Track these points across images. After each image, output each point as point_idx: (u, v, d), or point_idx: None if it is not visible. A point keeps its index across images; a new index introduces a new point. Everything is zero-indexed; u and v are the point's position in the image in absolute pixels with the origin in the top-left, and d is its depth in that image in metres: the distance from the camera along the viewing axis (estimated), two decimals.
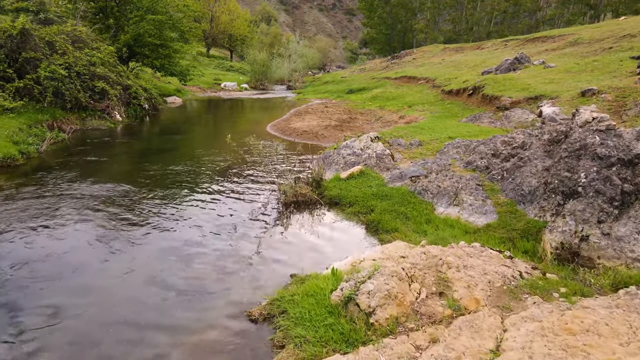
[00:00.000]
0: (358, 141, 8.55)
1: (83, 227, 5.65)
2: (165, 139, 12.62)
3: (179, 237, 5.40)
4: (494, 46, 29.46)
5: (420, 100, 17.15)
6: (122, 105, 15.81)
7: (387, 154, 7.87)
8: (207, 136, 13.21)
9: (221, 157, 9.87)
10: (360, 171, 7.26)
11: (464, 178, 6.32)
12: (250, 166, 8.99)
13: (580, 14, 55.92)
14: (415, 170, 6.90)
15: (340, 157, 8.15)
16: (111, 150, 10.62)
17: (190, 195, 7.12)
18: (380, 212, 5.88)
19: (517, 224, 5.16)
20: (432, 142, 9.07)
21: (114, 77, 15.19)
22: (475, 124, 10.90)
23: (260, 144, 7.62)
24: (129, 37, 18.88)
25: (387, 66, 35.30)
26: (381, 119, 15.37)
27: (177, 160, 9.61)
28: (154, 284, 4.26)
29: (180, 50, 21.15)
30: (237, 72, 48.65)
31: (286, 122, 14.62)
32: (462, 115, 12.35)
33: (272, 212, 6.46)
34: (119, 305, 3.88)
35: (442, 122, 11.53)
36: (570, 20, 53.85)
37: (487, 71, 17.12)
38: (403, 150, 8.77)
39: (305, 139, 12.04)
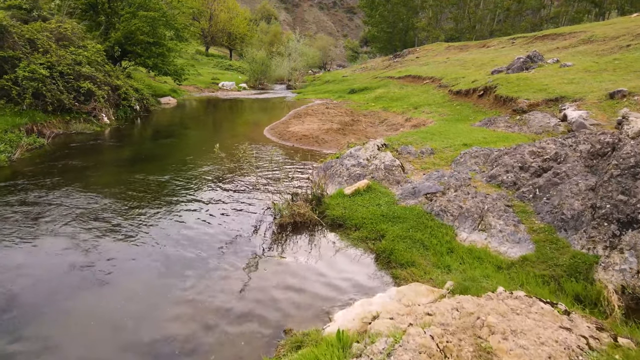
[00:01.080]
0: (363, 150, 7.63)
1: (44, 250, 4.75)
2: (155, 144, 11.71)
3: (143, 277, 4.48)
4: (501, 44, 28.49)
5: (427, 101, 16.23)
6: (111, 106, 14.90)
7: (396, 165, 6.95)
8: (200, 141, 12.31)
9: (212, 165, 8.96)
10: (367, 186, 6.34)
11: (490, 197, 5.40)
12: (243, 177, 8.08)
13: (584, 12, 55.02)
14: (431, 186, 5.98)
15: (343, 168, 7.23)
16: (93, 157, 9.70)
17: (170, 213, 6.21)
18: (393, 238, 4.96)
19: (561, 258, 4.25)
20: (445, 150, 8.15)
21: (102, 77, 14.28)
22: (490, 129, 9.98)
23: (253, 154, 6.69)
24: (120, 35, 17.95)
25: (389, 65, 34.35)
26: (386, 121, 14.45)
27: (164, 168, 8.70)
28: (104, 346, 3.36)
29: (174, 49, 20.22)
30: (236, 71, 47.71)
31: (285, 125, 13.71)
32: (475, 119, 11.41)
33: (264, 236, 5.55)
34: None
35: (453, 126, 10.61)
36: (575, 18, 52.94)
37: (497, 70, 16.18)
38: (414, 159, 7.85)
39: (305, 144, 11.13)
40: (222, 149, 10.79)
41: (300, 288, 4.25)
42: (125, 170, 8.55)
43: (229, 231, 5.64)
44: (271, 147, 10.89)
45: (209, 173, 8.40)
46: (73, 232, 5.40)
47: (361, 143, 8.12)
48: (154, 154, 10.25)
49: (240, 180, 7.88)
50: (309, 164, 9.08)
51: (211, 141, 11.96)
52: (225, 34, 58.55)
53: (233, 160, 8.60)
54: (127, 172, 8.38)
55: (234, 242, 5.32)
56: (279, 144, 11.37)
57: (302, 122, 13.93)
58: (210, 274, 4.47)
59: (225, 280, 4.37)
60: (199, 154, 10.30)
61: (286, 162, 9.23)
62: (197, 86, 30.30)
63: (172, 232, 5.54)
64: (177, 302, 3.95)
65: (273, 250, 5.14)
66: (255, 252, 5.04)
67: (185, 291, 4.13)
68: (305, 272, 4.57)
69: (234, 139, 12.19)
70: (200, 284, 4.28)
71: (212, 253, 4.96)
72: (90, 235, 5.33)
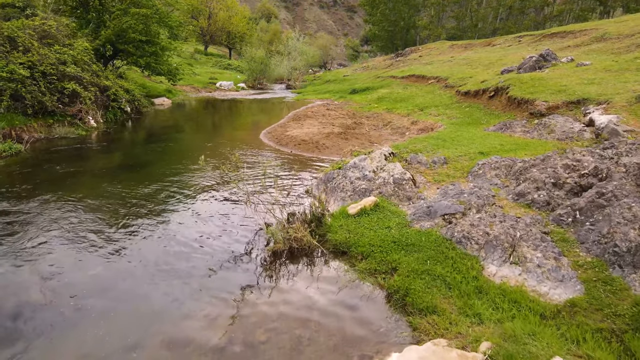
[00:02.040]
0: (369, 160, 6.79)
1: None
2: (143, 149, 10.88)
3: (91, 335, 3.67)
4: (507, 42, 27.61)
5: (433, 102, 15.38)
6: (99, 108, 14.07)
7: (407, 179, 6.11)
8: (191, 146, 11.47)
9: (201, 175, 8.12)
10: (375, 204, 5.51)
11: (522, 221, 4.56)
12: (235, 190, 7.24)
13: (589, 10, 54.23)
14: (449, 206, 5.14)
15: (347, 181, 6.39)
16: (74, 164, 8.87)
17: (150, 235, 5.38)
18: (408, 273, 4.13)
19: (620, 305, 3.41)
20: (459, 159, 7.31)
21: (88, 77, 13.44)
22: (506, 134, 9.13)
23: (243, 167, 5.87)
24: (111, 33, 17.09)
25: (391, 64, 33.48)
26: (390, 124, 13.60)
27: (149, 179, 7.87)
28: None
29: (168, 47, 19.36)
30: (235, 71, 46.87)
31: (283, 129, 12.86)
32: (488, 122, 10.57)
33: (253, 265, 4.72)
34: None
35: (465, 131, 9.76)
36: (580, 16, 52.15)
37: (507, 70, 15.33)
38: (425, 170, 7.01)
39: (304, 150, 10.29)
40: (215, 155, 9.97)
41: (294, 345, 3.42)
42: (108, 180, 7.72)
43: (213, 259, 4.80)
44: (268, 153, 10.06)
45: (197, 184, 7.56)
46: (35, 254, 4.58)
47: (366, 152, 7.28)
48: (140, 161, 9.42)
49: (231, 193, 7.04)
50: (308, 173, 8.24)
51: (203, 146, 11.14)
52: (224, 32, 57.79)
53: (225, 169, 7.77)
54: (109, 182, 7.55)
55: (218, 275, 4.49)
56: (276, 149, 10.53)
57: (301, 125, 13.09)
58: (180, 326, 3.64)
59: (200, 332, 3.54)
60: (190, 161, 9.46)
61: (283, 171, 8.38)
62: (194, 86, 29.46)
63: (148, 259, 4.71)
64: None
65: (263, 287, 4.31)
66: (242, 291, 4.21)
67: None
68: (298, 325, 3.73)
69: (228, 143, 11.36)
70: (168, 339, 3.45)
71: (188, 293, 4.13)
72: (57, 257, 4.50)
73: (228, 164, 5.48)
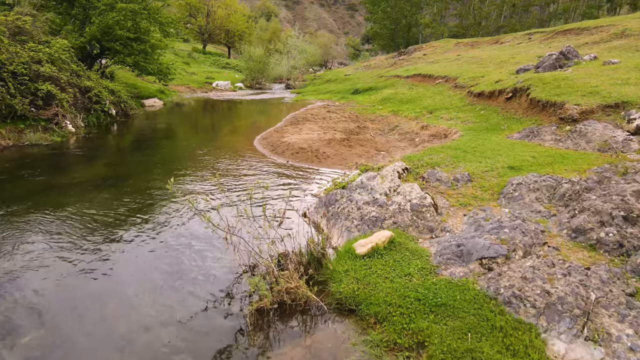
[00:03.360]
0: (380, 179, 5.60)
1: None
2: (121, 159, 9.70)
3: None
4: (516, 40, 26.38)
5: (443, 104, 14.19)
6: (79, 112, 12.90)
7: (428, 205, 4.93)
8: (176, 155, 10.28)
9: (182, 192, 6.94)
10: (389, 240, 4.32)
11: (594, 275, 3.37)
12: (217, 212, 6.06)
13: (596, 7, 53.06)
14: (487, 246, 3.95)
15: (353, 205, 5.21)
16: (37, 178, 7.69)
17: (108, 274, 4.20)
18: (443, 354, 2.95)
19: None
20: (486, 176, 6.13)
21: (66, 77, 12.26)
22: (534, 142, 7.94)
23: (224, 191, 4.72)
24: (96, 30, 15.90)
25: (394, 63, 32.26)
26: (397, 128, 12.41)
27: (118, 198, 6.70)
28: None
29: (158, 45, 18.15)
30: (234, 70, 45.67)
31: (279, 134, 11.68)
32: (510, 128, 9.37)
33: (229, 329, 3.54)
34: None
35: (486, 138, 8.57)
36: (587, 13, 51.01)
37: (523, 69, 14.12)
38: (447, 190, 5.83)
39: (302, 160, 9.10)
40: (201, 166, 8.79)
41: None
42: (73, 200, 6.54)
43: (177, 318, 3.63)
44: (261, 164, 8.87)
45: (173, 208, 6.39)
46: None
47: (376, 168, 6.08)
48: (116, 174, 8.24)
49: (212, 218, 5.87)
50: (306, 191, 7.06)
51: (189, 156, 9.95)
52: (222, 31, 56.71)
53: (209, 187, 6.62)
54: (74, 202, 6.38)
55: (178, 348, 3.32)
56: (270, 159, 9.35)
57: (299, 130, 11.90)
58: None
59: None
60: (168, 175, 8.29)
61: (276, 189, 7.19)
62: (189, 86, 28.28)
63: (83, 329, 3.54)
64: None
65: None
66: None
67: None
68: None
69: (217, 152, 10.19)
70: None
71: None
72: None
73: (195, 196, 4.27)
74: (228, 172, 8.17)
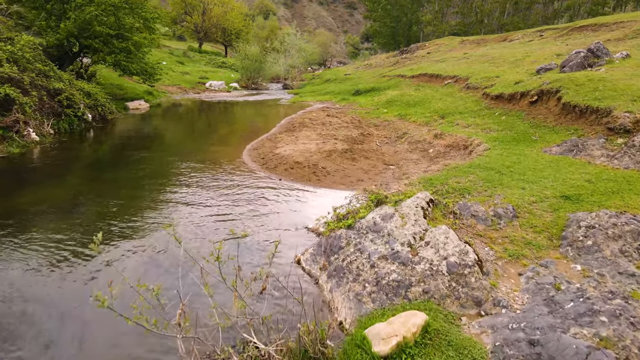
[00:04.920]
0: (399, 218, 4.15)
1: None
2: (79, 180, 8.18)
3: None
4: (526, 37, 24.94)
5: (455, 107, 12.75)
6: (47, 117, 11.42)
7: (470, 263, 3.48)
8: (147, 174, 8.74)
9: (148, 233, 5.49)
10: (422, 330, 2.88)
11: None
12: (189, 270, 4.61)
13: (602, 4, 51.80)
14: (582, 351, 2.50)
15: (364, 259, 3.77)
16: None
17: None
18: None
19: None
20: (535, 210, 4.69)
21: (30, 78, 10.78)
22: (582, 159, 6.50)
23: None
24: (72, 25, 14.41)
25: (397, 62, 30.80)
26: (406, 136, 10.96)
27: (63, 231, 5.25)
28: None
29: (143, 43, 16.63)
30: (230, 69, 44.13)
31: (272, 144, 10.22)
32: (544, 140, 7.92)
33: None
34: None
35: (520, 153, 7.12)
36: (593, 10, 49.75)
37: (545, 68, 12.68)
38: (486, 230, 4.39)
39: (298, 177, 7.65)
40: (173, 190, 7.33)
41: None
42: (8, 231, 5.09)
43: None
44: (247, 183, 7.40)
45: (128, 256, 4.94)
46: None
47: (391, 201, 4.61)
48: (74, 202, 6.76)
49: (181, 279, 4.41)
50: (301, 225, 5.60)
51: (165, 173, 8.47)
52: (219, 29, 55.25)
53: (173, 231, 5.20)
54: (11, 234, 4.93)
55: None
56: (260, 176, 7.89)
57: (295, 139, 10.44)
58: None
59: None
60: (133, 201, 6.84)
61: (261, 221, 5.73)
62: (180, 86, 26.76)
63: None
64: None
65: None
66: None
67: None
68: None
69: (199, 167, 8.72)
70: None
71: None
72: None
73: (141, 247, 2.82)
74: (201, 200, 6.71)
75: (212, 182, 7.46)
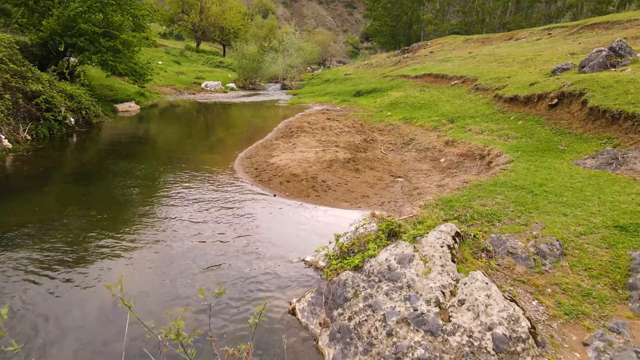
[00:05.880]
0: (420, 261, 3.25)
1: None
2: (49, 196, 7.28)
3: None
4: (533, 35, 24.05)
5: (465, 110, 11.85)
6: (24, 122, 10.50)
7: (524, 336, 2.57)
8: (126, 186, 7.85)
9: (101, 277, 4.60)
10: None
11: None
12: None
13: (606, 2, 50.97)
14: None
15: (377, 321, 2.87)
16: None
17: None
18: None
19: None
20: (585, 245, 3.79)
21: (2, 80, 9.86)
22: (623, 174, 5.60)
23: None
24: (54, 22, 13.48)
25: (398, 61, 29.88)
26: (414, 143, 10.06)
27: (37, 270, 4.35)
28: None
29: (132, 42, 15.67)
30: (227, 69, 43.18)
31: (267, 151, 9.31)
32: (572, 149, 7.01)
33: None
34: None
35: (549, 166, 6.21)
36: (597, 9, 48.93)
37: (561, 68, 11.78)
38: (529, 274, 3.49)
39: (294, 193, 6.74)
40: (155, 203, 6.43)
41: None
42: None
43: None
44: (235, 200, 6.49)
45: (66, 327, 4.04)
46: None
47: (409, 237, 3.71)
48: (41, 228, 5.85)
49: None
50: (294, 259, 4.70)
51: (144, 189, 7.55)
52: (217, 28, 54.31)
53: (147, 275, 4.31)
54: None
55: None
56: (252, 190, 6.98)
57: (292, 146, 9.53)
58: None
59: None
60: (104, 230, 5.95)
61: (251, 248, 4.83)
62: (175, 87, 25.82)
63: None
64: None
65: None
66: None
67: None
68: None
69: (183, 179, 7.81)
70: None
71: None
72: None
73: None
74: (177, 226, 5.80)
75: (195, 202, 6.52)
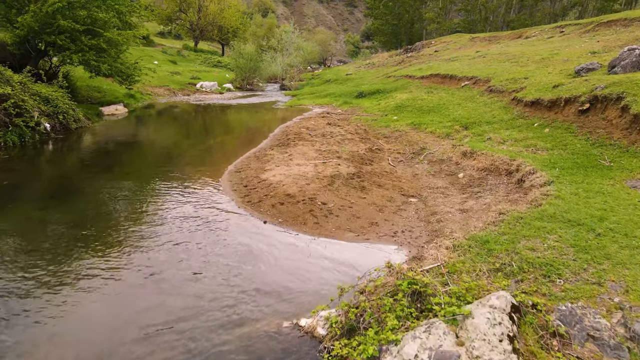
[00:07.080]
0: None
1: None
2: (13, 220, 6.18)
3: None
4: (544, 34, 22.90)
5: (480, 115, 10.72)
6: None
7: None
8: (92, 213, 6.76)
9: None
10: None
11: None
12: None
13: (612, 0, 49.82)
14: None
15: None
16: None
17: None
18: None
19: None
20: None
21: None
22: None
23: None
24: (30, 19, 12.38)
25: (402, 60, 28.72)
26: (426, 152, 8.92)
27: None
28: None
29: (119, 41, 14.54)
30: (225, 69, 42.03)
31: (260, 164, 8.18)
32: (619, 165, 5.87)
33: None
34: None
35: (601, 190, 5.07)
36: (604, 7, 47.78)
37: (587, 68, 10.65)
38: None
39: (289, 219, 5.61)
40: (117, 237, 5.25)
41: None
42: None
43: None
44: (218, 227, 5.37)
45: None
46: None
47: (443, 315, 2.60)
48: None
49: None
50: (290, 318, 3.58)
51: (109, 214, 6.41)
52: (215, 27, 53.18)
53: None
54: None
55: None
56: (239, 215, 5.86)
57: (288, 157, 8.40)
58: None
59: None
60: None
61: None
62: (169, 88, 24.68)
63: None
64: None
65: None
66: None
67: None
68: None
69: (159, 200, 6.69)
70: None
71: None
72: None
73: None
74: (134, 275, 4.68)
75: (165, 234, 5.36)
